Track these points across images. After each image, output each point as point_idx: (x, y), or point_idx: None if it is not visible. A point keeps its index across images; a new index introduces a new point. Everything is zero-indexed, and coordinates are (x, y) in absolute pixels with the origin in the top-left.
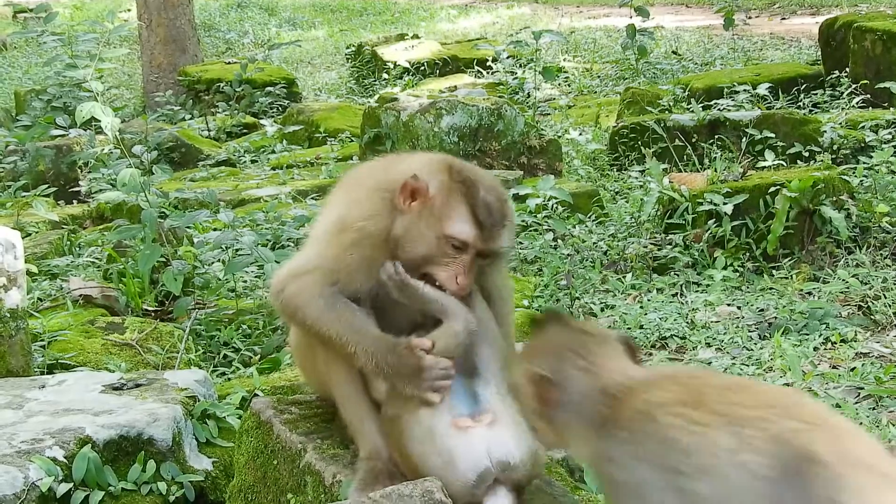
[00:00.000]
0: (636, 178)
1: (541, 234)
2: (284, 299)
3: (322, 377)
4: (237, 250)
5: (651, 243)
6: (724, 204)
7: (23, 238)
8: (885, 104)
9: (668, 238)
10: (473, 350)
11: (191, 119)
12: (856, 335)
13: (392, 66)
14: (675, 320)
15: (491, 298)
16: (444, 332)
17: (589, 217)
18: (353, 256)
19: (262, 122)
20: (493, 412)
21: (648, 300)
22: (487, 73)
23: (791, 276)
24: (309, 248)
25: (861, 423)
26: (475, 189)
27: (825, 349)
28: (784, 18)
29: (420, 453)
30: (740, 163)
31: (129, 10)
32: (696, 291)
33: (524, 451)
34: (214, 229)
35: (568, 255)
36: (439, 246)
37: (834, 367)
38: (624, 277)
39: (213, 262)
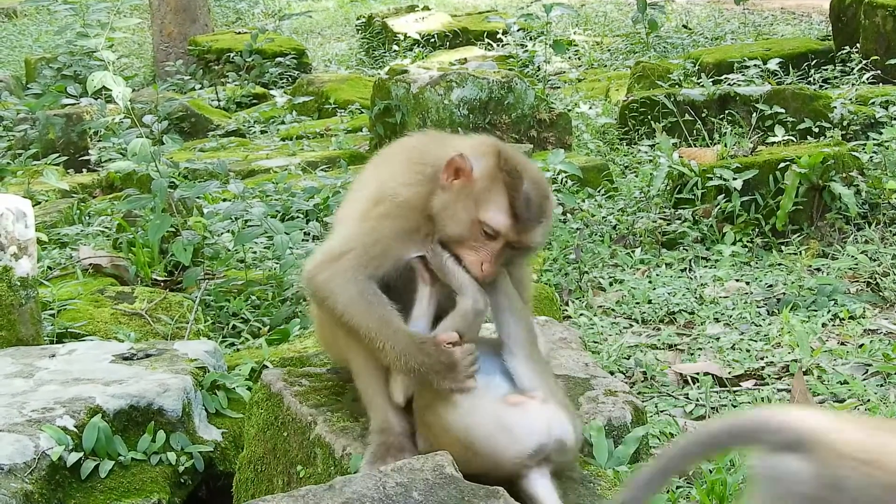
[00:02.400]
0: (646, 152)
1: None
2: (317, 285)
3: (342, 347)
4: (247, 221)
5: (660, 218)
6: (734, 179)
7: (33, 206)
8: (895, 80)
9: (677, 213)
10: (504, 328)
11: (201, 89)
12: (864, 312)
13: (402, 37)
14: (683, 295)
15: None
16: (457, 311)
17: (598, 191)
18: (389, 226)
19: (271, 92)
20: (541, 391)
21: (657, 275)
22: (498, 45)
23: (800, 252)
24: (341, 229)
25: (869, 400)
26: (519, 180)
27: (833, 325)
28: None
29: (467, 425)
30: (750, 138)
31: None
32: (705, 267)
33: (576, 435)
34: (224, 200)
35: (577, 229)
36: (472, 229)
37: (842, 344)
38: (633, 252)
39: (222, 233)
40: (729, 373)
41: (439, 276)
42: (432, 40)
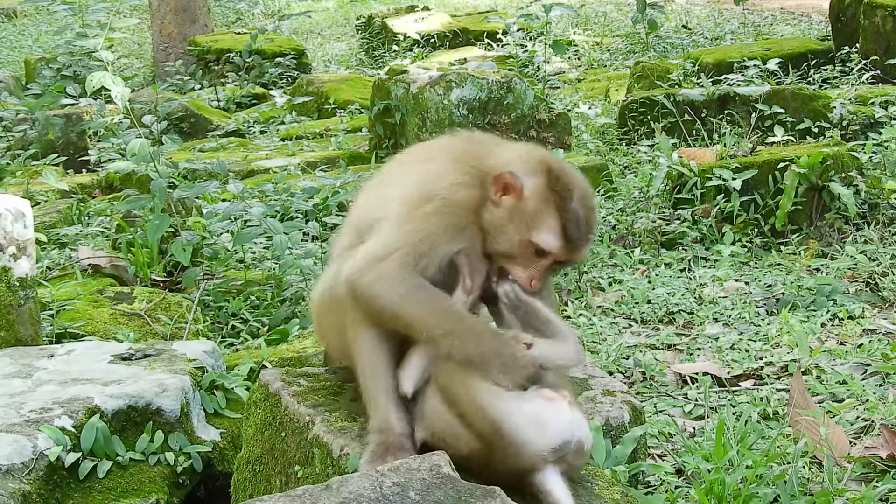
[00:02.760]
0: (645, 152)
1: None
2: (363, 287)
3: (347, 343)
4: (246, 221)
5: (659, 218)
6: (733, 179)
7: (32, 207)
8: (895, 80)
9: (676, 213)
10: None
11: (200, 89)
12: (863, 312)
13: (402, 37)
14: (682, 295)
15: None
16: (555, 348)
17: (598, 191)
18: (439, 224)
19: (271, 92)
20: (567, 394)
21: (656, 275)
22: (497, 45)
23: (799, 252)
24: (384, 230)
25: (867, 400)
26: (569, 200)
27: (832, 325)
28: None
29: (502, 408)
30: (749, 138)
31: None
32: (704, 267)
33: (591, 442)
34: (223, 200)
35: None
36: (522, 248)
37: (841, 344)
38: (632, 252)
39: (221, 233)
40: (728, 373)
41: (529, 322)
42: (432, 40)
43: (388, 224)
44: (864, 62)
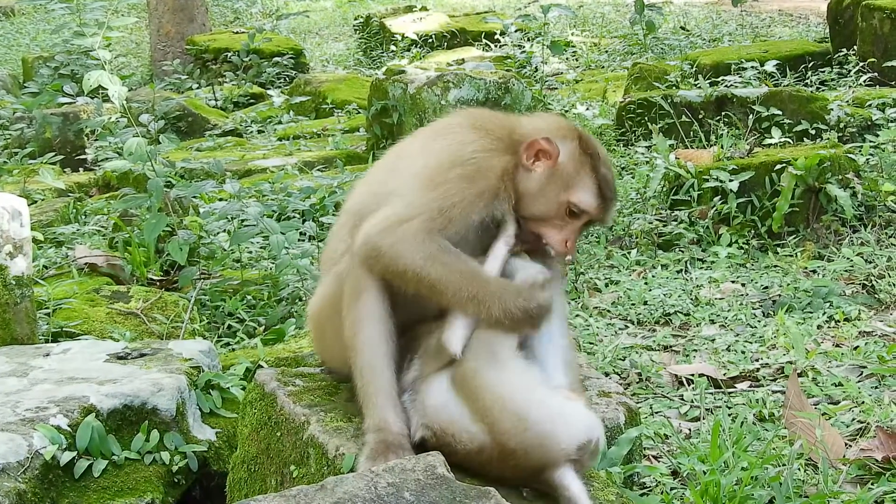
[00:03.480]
0: (642, 153)
1: None
2: (384, 248)
3: (346, 341)
4: (243, 221)
5: (656, 219)
6: (730, 181)
7: (29, 205)
8: (893, 83)
9: (673, 214)
10: (545, 337)
11: (198, 88)
12: (859, 314)
13: (400, 37)
14: (679, 297)
15: None
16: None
17: None
18: (469, 189)
19: (269, 92)
20: (581, 394)
21: (653, 276)
22: (495, 46)
23: (796, 253)
24: (406, 194)
25: (863, 402)
26: (600, 163)
27: (829, 327)
28: None
29: (530, 400)
30: (747, 140)
31: None
32: (701, 268)
33: (604, 445)
34: (220, 199)
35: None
36: (558, 210)
37: (837, 346)
38: (629, 253)
39: (218, 233)
40: (724, 374)
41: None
42: (430, 41)
43: (410, 190)
44: (861, 64)
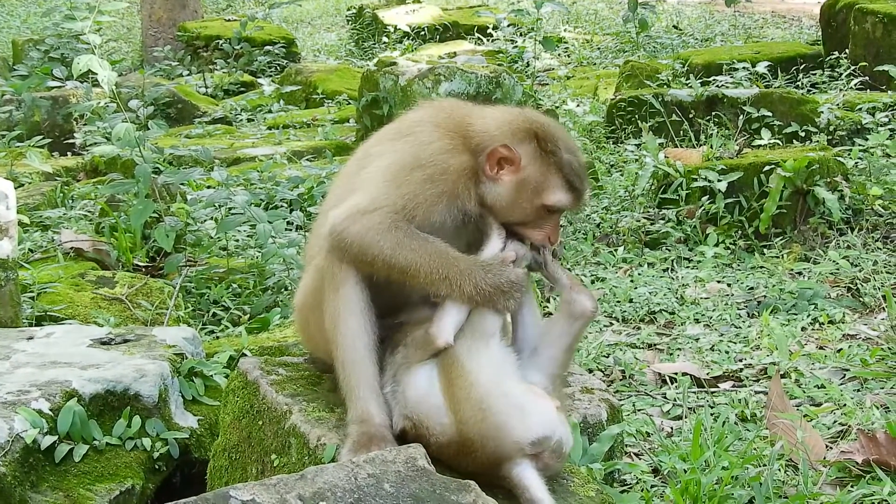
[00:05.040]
0: (632, 151)
1: None
2: (350, 237)
3: (327, 334)
4: (230, 209)
5: (644, 218)
6: (719, 181)
7: (15, 188)
8: (884, 87)
9: (661, 213)
10: (528, 330)
11: (188, 75)
12: (844, 317)
13: (392, 29)
14: (664, 295)
15: None
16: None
17: None
18: (432, 191)
19: (259, 81)
20: (558, 402)
21: (639, 274)
22: (487, 40)
23: (782, 255)
24: (370, 189)
25: (845, 405)
26: (563, 155)
27: (813, 329)
28: None
29: (493, 389)
30: (736, 140)
31: None
32: (687, 267)
33: (570, 448)
34: (208, 187)
35: (560, 226)
36: (536, 213)
37: (821, 348)
38: (616, 251)
39: (205, 220)
40: (707, 374)
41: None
42: (422, 33)
43: (376, 186)
44: (853, 68)
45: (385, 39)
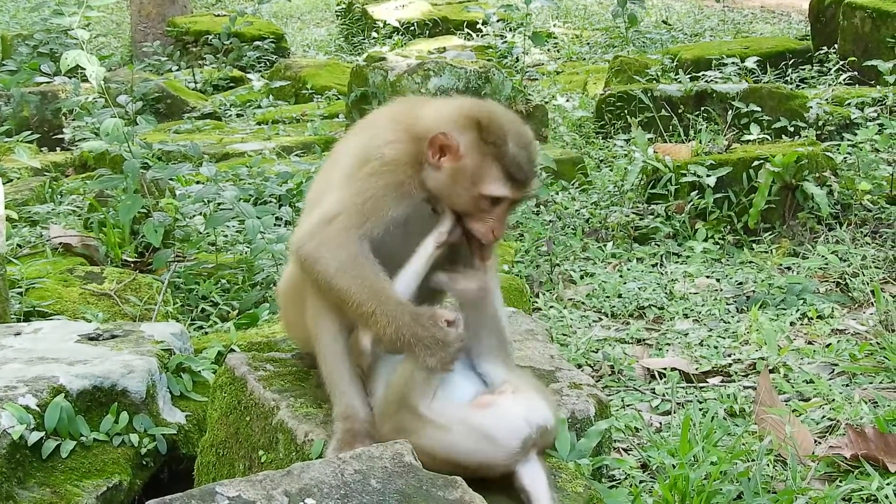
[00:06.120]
0: (621, 146)
1: None
2: (306, 253)
3: (308, 331)
4: (219, 204)
5: (633, 213)
6: (708, 176)
7: (4, 184)
8: (872, 82)
9: (650, 208)
10: (476, 331)
11: (178, 70)
12: (832, 311)
13: (382, 24)
14: (653, 290)
15: None
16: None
17: (572, 184)
18: (378, 184)
19: (249, 76)
20: (510, 383)
21: (628, 269)
22: (477, 35)
23: (771, 250)
24: (328, 196)
25: (833, 400)
26: (505, 145)
27: (802, 324)
28: None
29: (446, 444)
30: (725, 135)
31: None
32: (676, 262)
33: (552, 414)
34: (197, 182)
35: (550, 221)
36: (475, 203)
37: (809, 343)
38: (605, 246)
39: (194, 216)
40: (696, 369)
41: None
42: (412, 28)
43: (338, 187)
44: (842, 63)
45: (374, 35)
